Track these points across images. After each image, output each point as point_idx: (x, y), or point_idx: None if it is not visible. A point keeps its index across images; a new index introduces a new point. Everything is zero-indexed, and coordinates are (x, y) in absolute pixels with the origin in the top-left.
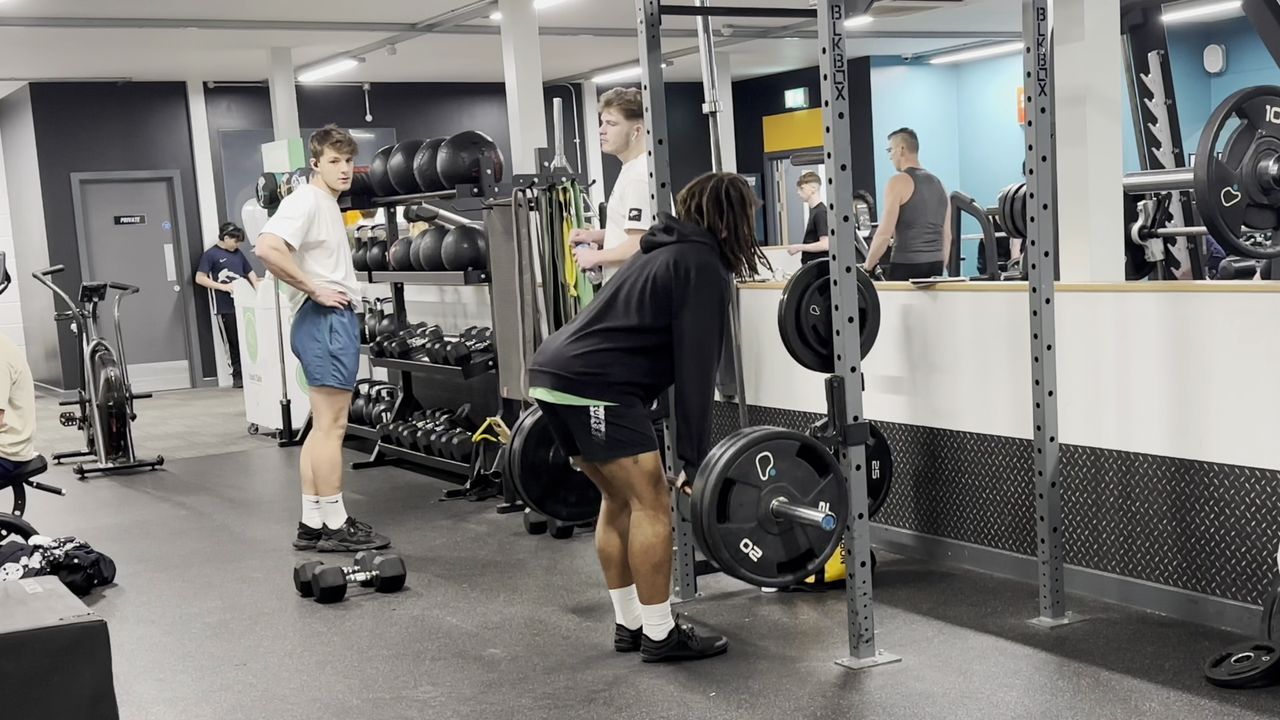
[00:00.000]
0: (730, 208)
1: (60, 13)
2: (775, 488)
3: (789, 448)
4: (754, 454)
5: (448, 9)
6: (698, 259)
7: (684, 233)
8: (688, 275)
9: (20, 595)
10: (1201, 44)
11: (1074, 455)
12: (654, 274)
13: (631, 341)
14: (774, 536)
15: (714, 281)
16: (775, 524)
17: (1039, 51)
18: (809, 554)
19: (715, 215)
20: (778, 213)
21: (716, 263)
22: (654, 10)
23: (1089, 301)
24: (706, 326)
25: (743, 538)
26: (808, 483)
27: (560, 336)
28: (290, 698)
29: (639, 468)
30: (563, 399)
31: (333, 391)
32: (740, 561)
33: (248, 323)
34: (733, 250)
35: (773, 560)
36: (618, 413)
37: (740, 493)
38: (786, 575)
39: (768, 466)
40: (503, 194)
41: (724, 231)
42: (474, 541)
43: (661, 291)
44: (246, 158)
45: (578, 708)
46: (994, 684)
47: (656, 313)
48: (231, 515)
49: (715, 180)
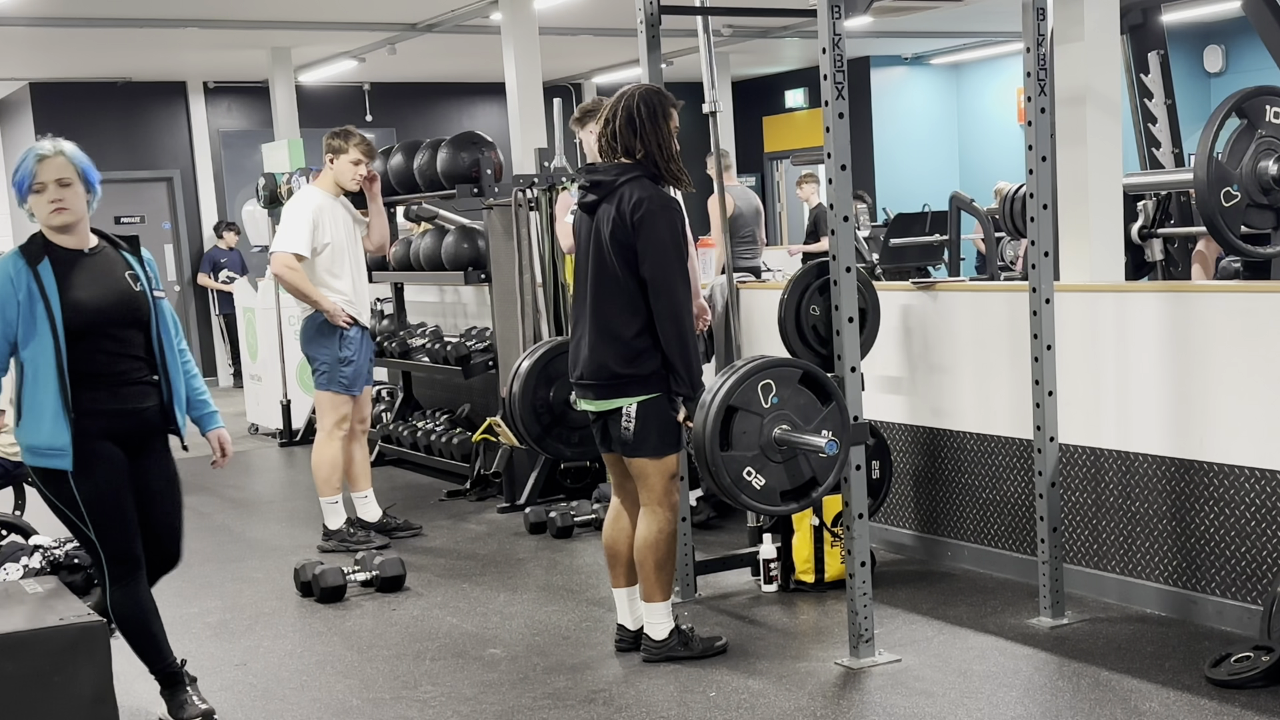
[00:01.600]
0: (643, 123)
1: (60, 13)
2: (778, 415)
3: (791, 375)
4: (756, 381)
5: (448, 9)
6: (631, 198)
7: (609, 181)
8: (632, 216)
9: (20, 595)
10: (1201, 44)
11: (1074, 455)
12: (608, 234)
13: (640, 315)
14: (776, 464)
15: (659, 210)
16: (778, 451)
17: (1039, 51)
18: (812, 482)
19: (630, 136)
20: (778, 213)
21: (652, 189)
22: (654, 10)
23: (1089, 301)
24: (663, 258)
25: (745, 465)
26: (810, 410)
27: (583, 341)
28: (290, 698)
29: (658, 464)
30: (607, 405)
31: (335, 396)
32: (743, 489)
33: (248, 323)
34: (656, 166)
35: (775, 488)
36: (649, 407)
37: (743, 420)
38: (790, 503)
39: (770, 394)
40: (503, 194)
41: (640, 151)
42: (474, 541)
43: (620, 247)
44: (247, 158)
45: (578, 708)
46: (994, 684)
47: (630, 270)
48: (231, 515)
49: (624, 99)
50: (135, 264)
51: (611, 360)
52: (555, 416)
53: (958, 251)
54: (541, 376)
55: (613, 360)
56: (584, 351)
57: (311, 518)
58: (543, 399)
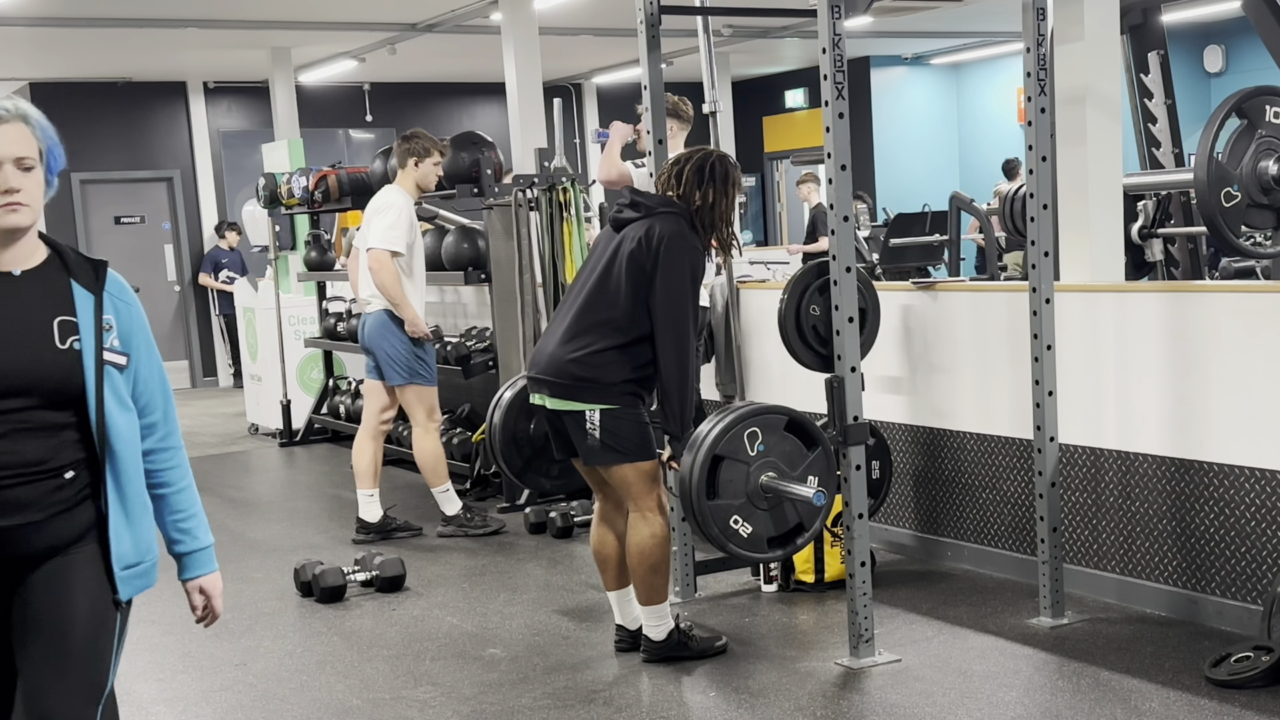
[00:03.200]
0: (712, 180)
1: (60, 13)
2: (764, 463)
3: (777, 422)
4: (742, 429)
5: (448, 9)
6: (667, 229)
7: (650, 205)
8: (658, 246)
9: None
10: (1201, 44)
11: (1074, 455)
12: (627, 252)
13: (622, 334)
14: (763, 511)
15: (685, 250)
16: (764, 499)
17: (1039, 51)
18: (798, 528)
19: (695, 183)
20: (778, 213)
21: (687, 232)
22: (654, 10)
23: (1089, 301)
24: (679, 296)
25: (732, 514)
26: (796, 457)
27: (552, 338)
28: (290, 698)
29: (636, 471)
30: (562, 405)
31: (420, 388)
32: (730, 538)
33: (248, 322)
34: (704, 222)
35: (762, 535)
36: (616, 415)
37: (729, 468)
38: (776, 550)
39: (756, 441)
40: (503, 194)
41: (698, 201)
42: (474, 541)
43: (636, 269)
44: (247, 158)
45: (578, 708)
46: (994, 684)
47: (636, 294)
48: (231, 515)
49: (704, 152)
50: (83, 302)
51: (574, 362)
52: (536, 449)
53: (958, 251)
54: (523, 409)
55: (576, 362)
56: (550, 348)
57: (311, 517)
58: (524, 431)
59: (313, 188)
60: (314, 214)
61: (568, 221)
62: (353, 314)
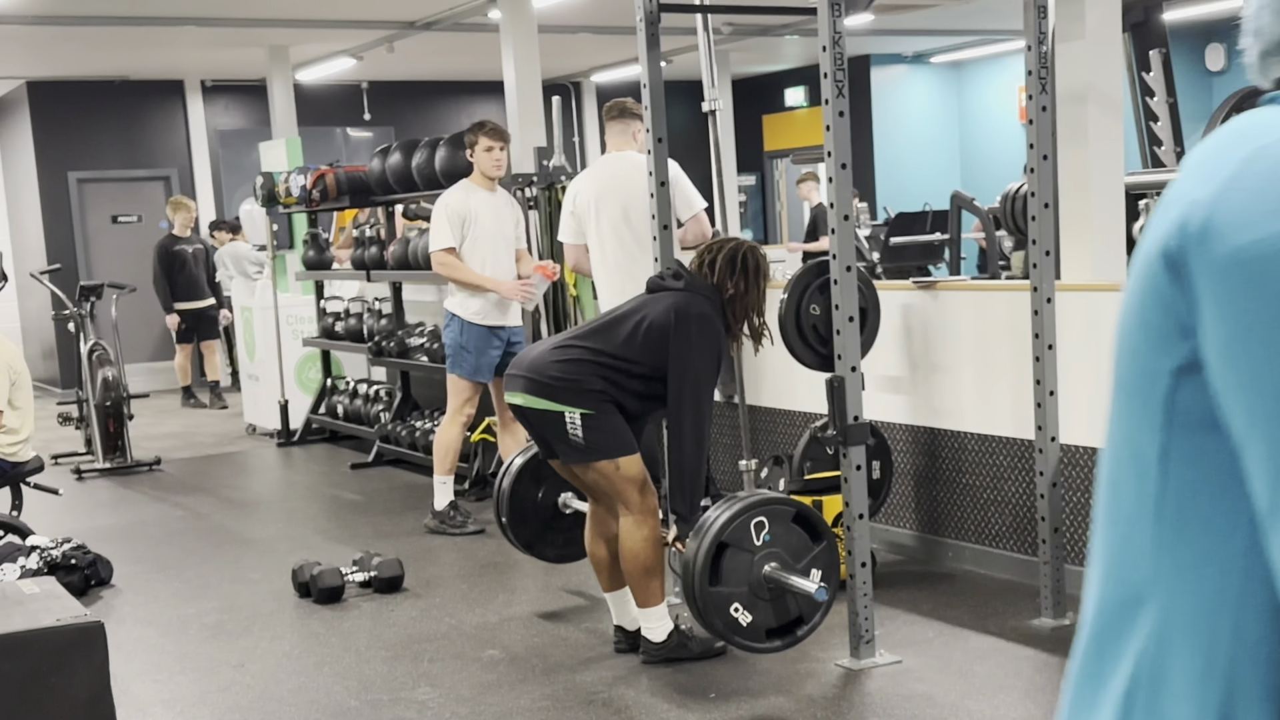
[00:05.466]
0: (744, 271)
1: (58, 11)
2: (768, 553)
3: (785, 514)
4: (749, 518)
5: (446, 7)
6: (701, 310)
7: (691, 283)
8: (689, 325)
9: (17, 596)
10: (1203, 42)
11: (1075, 455)
12: (653, 316)
13: (615, 366)
14: (765, 602)
15: (715, 335)
16: (766, 589)
17: (1040, 50)
18: (798, 620)
19: (727, 273)
20: (778, 213)
21: (717, 318)
22: (653, 8)
23: (1090, 301)
24: (703, 380)
25: (733, 602)
26: (800, 549)
27: (542, 345)
28: (288, 699)
29: (621, 473)
30: (536, 404)
31: (457, 380)
32: (730, 626)
33: (245, 323)
34: (734, 311)
35: (762, 626)
36: (594, 419)
37: (733, 557)
38: (775, 641)
39: (762, 532)
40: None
41: (730, 289)
42: (473, 541)
43: (657, 334)
44: (244, 156)
45: (577, 708)
46: (995, 685)
47: (646, 352)
48: (229, 516)
49: (736, 243)
50: None
51: (556, 364)
52: (543, 520)
53: (958, 250)
54: (533, 476)
55: (557, 364)
56: (535, 352)
57: (308, 517)
58: (531, 500)
59: (310, 186)
60: (312, 213)
61: None
62: (351, 313)
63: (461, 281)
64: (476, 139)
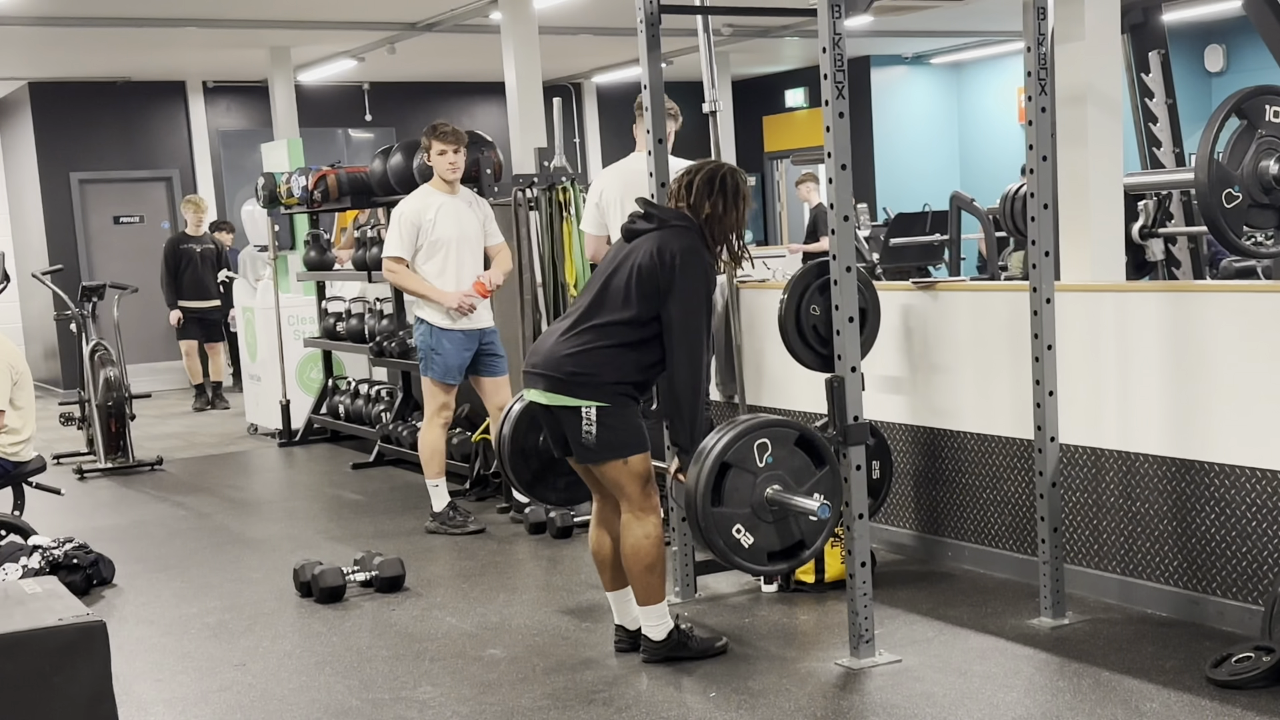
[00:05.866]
0: (723, 192)
1: (59, 12)
2: (771, 475)
3: (787, 436)
4: (752, 440)
5: (447, 8)
6: (681, 244)
7: (664, 218)
8: (673, 261)
9: (19, 596)
10: (1202, 43)
11: (1074, 455)
12: (638, 263)
13: (623, 336)
14: (767, 524)
15: (699, 265)
16: (769, 511)
17: (1039, 51)
18: (800, 544)
19: (705, 194)
20: (778, 213)
21: (700, 245)
22: (654, 10)
23: (1089, 301)
24: (694, 311)
25: (735, 523)
26: (804, 473)
27: (552, 335)
28: (289, 698)
29: (628, 469)
30: (556, 400)
31: (430, 383)
32: (732, 547)
33: (247, 323)
34: (713, 233)
35: (764, 548)
36: (609, 413)
37: (736, 478)
38: (777, 564)
39: (765, 453)
40: (503, 194)
41: (707, 210)
42: (474, 541)
43: (647, 280)
44: (246, 157)
45: (578, 708)
46: (994, 684)
47: (644, 303)
48: (231, 516)
49: (715, 164)
50: None
51: (570, 358)
52: (544, 462)
53: (958, 251)
54: (532, 421)
55: (572, 358)
56: (548, 343)
57: (310, 517)
58: (532, 444)
59: (312, 187)
60: (313, 213)
61: (567, 221)
62: (352, 313)
63: (408, 290)
64: (430, 143)
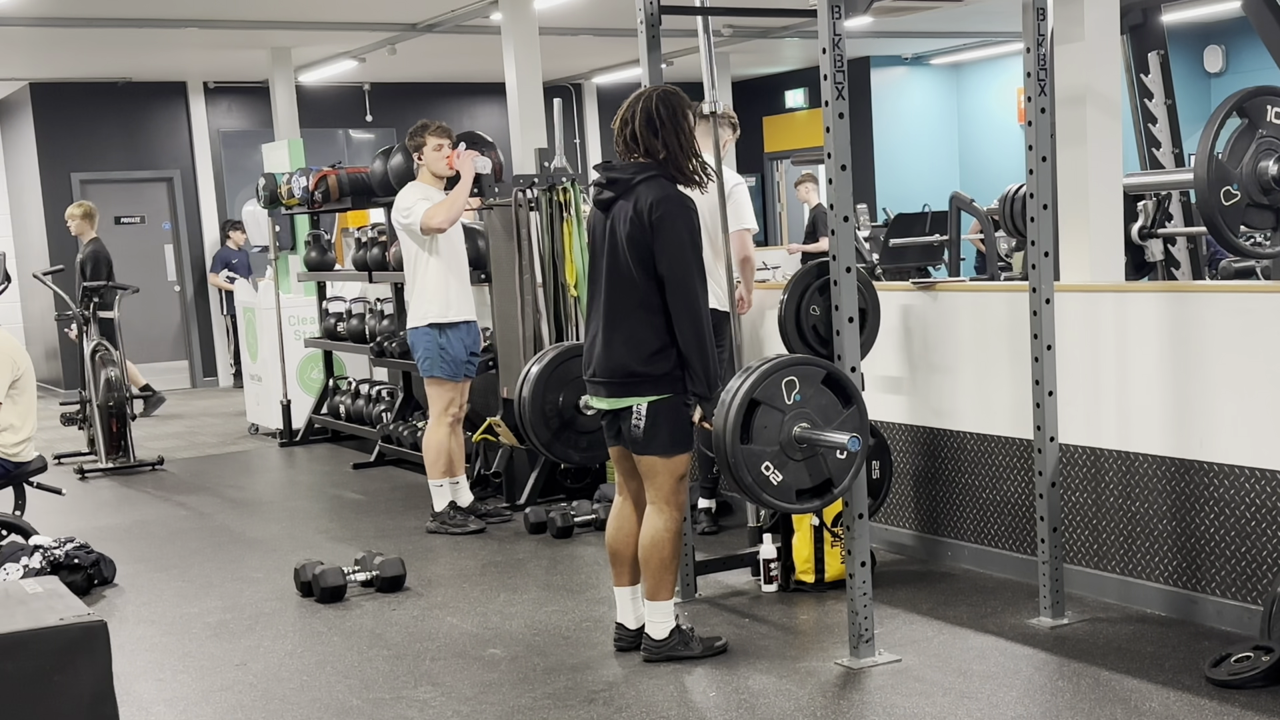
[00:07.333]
0: (664, 124)
1: (60, 13)
2: (799, 413)
3: (815, 374)
4: (780, 377)
5: (448, 9)
6: (652, 197)
7: (626, 179)
8: (650, 217)
9: (20, 595)
10: (1201, 44)
11: (1074, 455)
12: (625, 235)
13: (651, 311)
14: (796, 462)
15: (675, 211)
16: (798, 449)
17: (1039, 52)
18: (828, 483)
19: (651, 137)
20: (778, 213)
21: (670, 189)
22: (654, 10)
23: (1089, 302)
24: (682, 262)
25: (764, 460)
26: (831, 411)
27: (597, 339)
28: (290, 698)
29: (668, 464)
30: (619, 404)
31: (440, 382)
32: (760, 484)
33: (248, 323)
34: (676, 168)
35: (793, 486)
36: (661, 406)
37: (764, 415)
38: (807, 502)
39: (793, 390)
40: (503, 194)
41: (662, 150)
42: (474, 541)
43: (639, 247)
44: (247, 158)
45: (578, 708)
46: (994, 684)
47: (645, 269)
48: (231, 515)
49: (644, 100)
50: None
51: (626, 359)
52: (564, 421)
53: (958, 252)
54: (551, 381)
55: (628, 359)
56: (598, 349)
57: (311, 517)
58: (552, 403)
59: (313, 188)
60: (314, 214)
61: (567, 221)
62: (353, 314)
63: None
64: (424, 140)
